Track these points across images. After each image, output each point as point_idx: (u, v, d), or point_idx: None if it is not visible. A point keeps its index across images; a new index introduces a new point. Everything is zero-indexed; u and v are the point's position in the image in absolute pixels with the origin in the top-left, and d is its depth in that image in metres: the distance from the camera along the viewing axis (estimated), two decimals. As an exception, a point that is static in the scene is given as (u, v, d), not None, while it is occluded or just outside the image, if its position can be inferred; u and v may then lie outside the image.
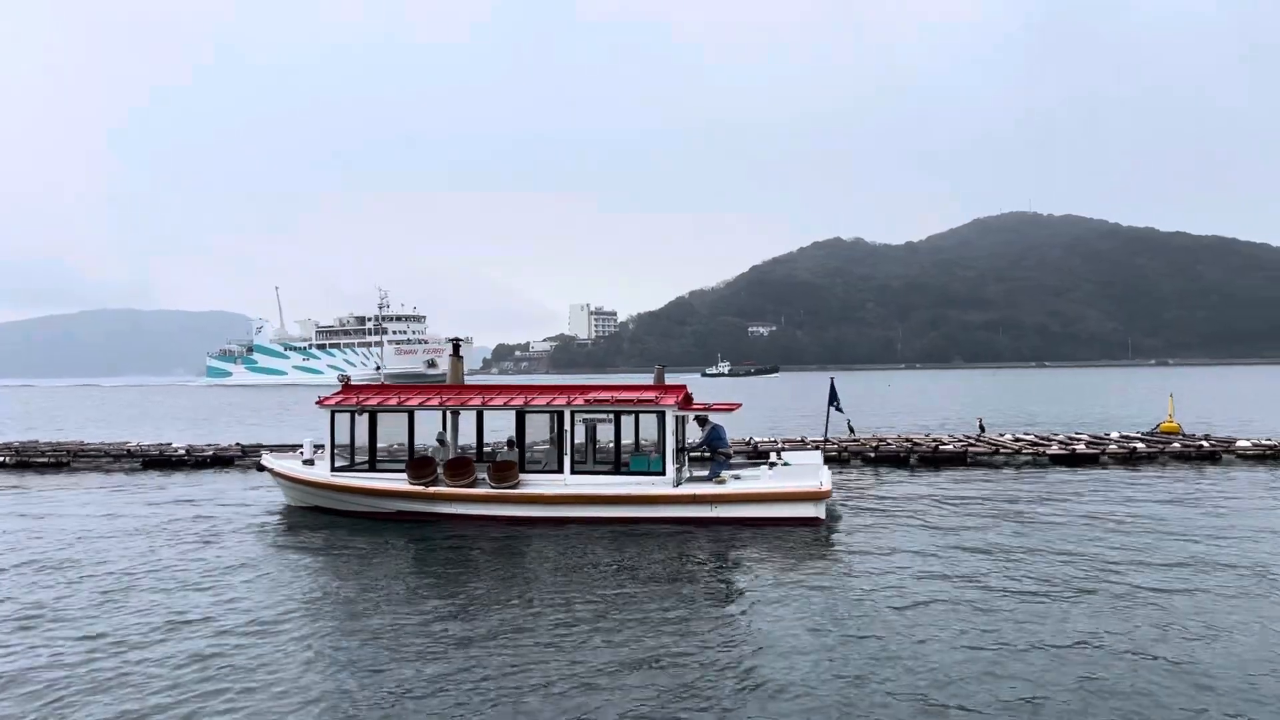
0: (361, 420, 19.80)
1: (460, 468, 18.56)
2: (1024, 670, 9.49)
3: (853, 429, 31.33)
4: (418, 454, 19.66)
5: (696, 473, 19.54)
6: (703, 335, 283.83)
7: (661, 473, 18.14)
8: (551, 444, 19.31)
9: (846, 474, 25.36)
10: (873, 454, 28.42)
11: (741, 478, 18.68)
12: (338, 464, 19.68)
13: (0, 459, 30.59)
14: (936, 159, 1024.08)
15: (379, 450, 20.23)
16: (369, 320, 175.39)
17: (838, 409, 25.28)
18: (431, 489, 18.44)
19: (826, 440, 27.53)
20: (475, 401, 19.59)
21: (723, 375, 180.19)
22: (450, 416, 20.04)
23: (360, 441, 19.89)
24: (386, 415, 19.75)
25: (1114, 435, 31.91)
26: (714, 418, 19.49)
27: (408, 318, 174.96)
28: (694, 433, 19.85)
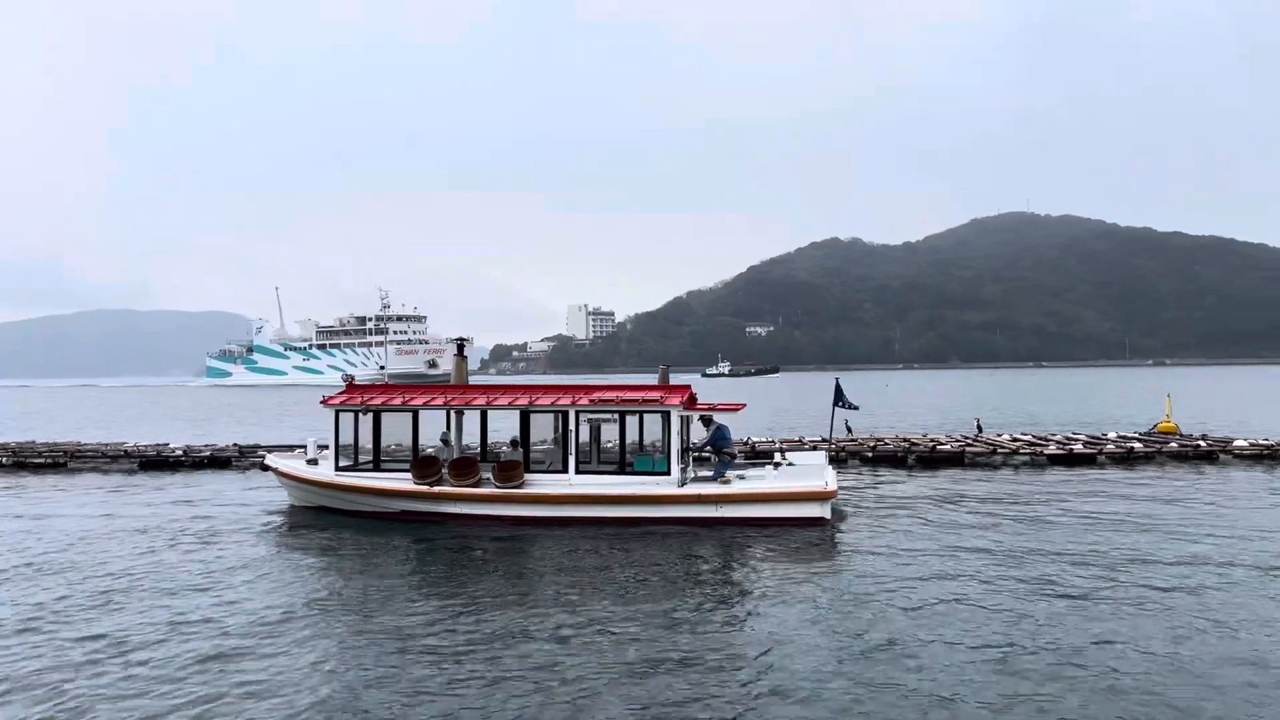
0: (366, 420, 19.78)
1: (465, 467, 18.53)
2: (1030, 670, 9.51)
3: (850, 429, 31.47)
4: (422, 454, 19.71)
5: (701, 473, 19.60)
6: (700, 335, 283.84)
7: (666, 473, 18.13)
8: (555, 444, 19.31)
9: (845, 474, 25.38)
10: (870, 454, 28.49)
11: (746, 478, 18.74)
12: (342, 464, 19.73)
13: (-2, 459, 30.47)
14: (936, 159, 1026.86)
15: (382, 450, 20.29)
16: (369, 320, 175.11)
17: (846, 408, 25.22)
18: (436, 489, 18.43)
19: (824, 440, 27.59)
20: (479, 401, 19.60)
21: (723, 375, 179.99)
22: (455, 416, 20.05)
23: (364, 441, 19.87)
24: (390, 415, 19.78)
25: (1111, 435, 31.98)
26: (718, 418, 19.51)
27: (408, 318, 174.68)
28: (697, 433, 19.86)
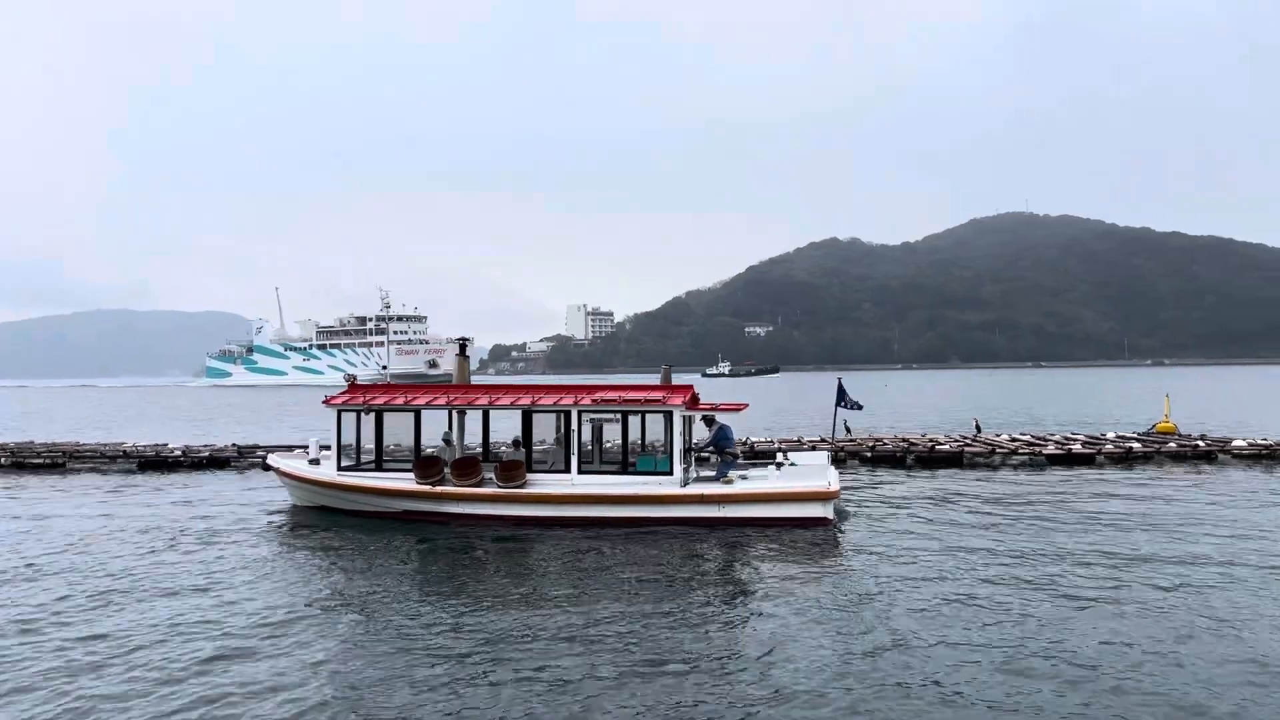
0: (368, 420, 19.75)
1: (467, 467, 18.52)
2: (1033, 670, 9.53)
3: (849, 429, 31.56)
4: (424, 454, 19.72)
5: (703, 473, 19.61)
6: (699, 335, 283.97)
7: (669, 473, 18.13)
8: (557, 444, 19.31)
9: (843, 474, 25.26)
10: (869, 454, 28.46)
11: (749, 478, 18.75)
12: (344, 463, 19.73)
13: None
14: (935, 159, 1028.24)
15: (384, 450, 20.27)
16: (369, 321, 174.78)
17: (849, 408, 25.25)
18: (439, 488, 18.44)
19: (822, 440, 27.67)
20: (482, 401, 19.61)
21: (723, 375, 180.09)
22: (457, 416, 20.09)
23: (367, 441, 19.86)
24: (392, 415, 19.80)
25: (1110, 435, 31.98)
26: (721, 418, 19.51)
27: (408, 318, 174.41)
28: (699, 432, 19.87)
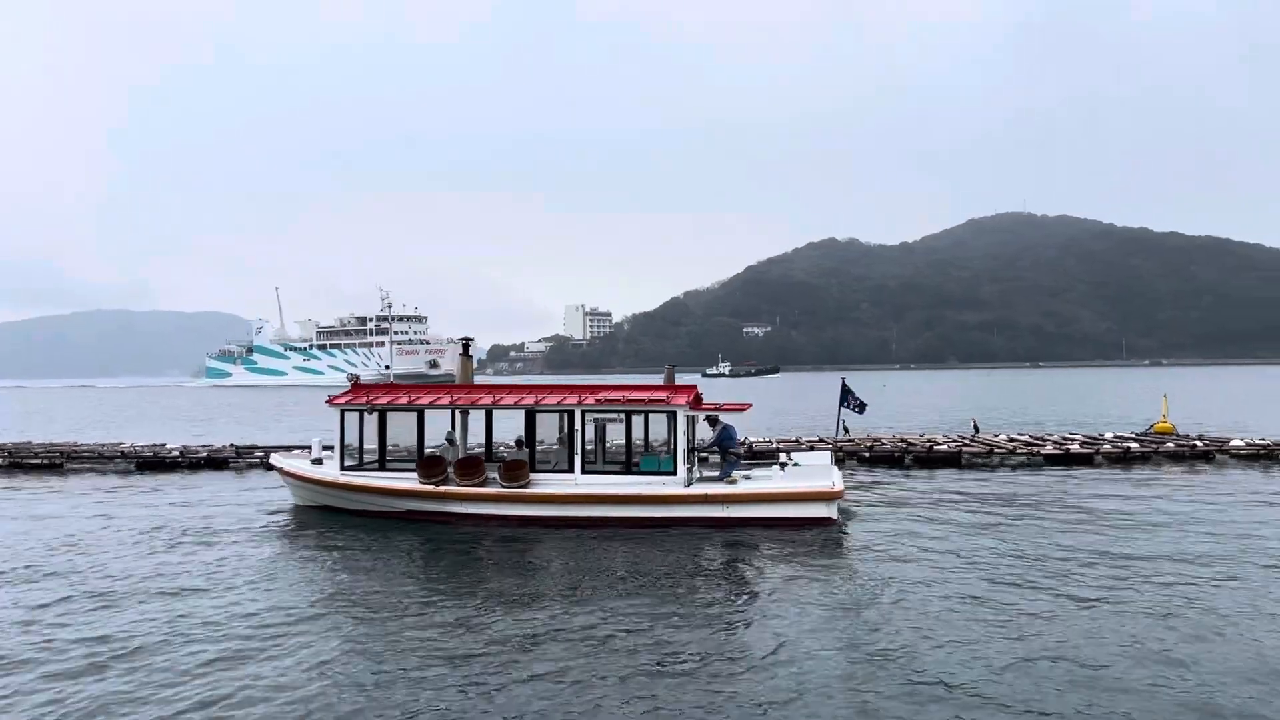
0: (371, 419, 19.78)
1: (471, 467, 18.55)
2: (1037, 670, 9.56)
3: (847, 429, 31.62)
4: (427, 454, 19.75)
5: (707, 473, 19.66)
6: (698, 336, 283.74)
7: (673, 472, 18.15)
8: (560, 444, 19.33)
9: (842, 474, 25.46)
10: (868, 454, 28.51)
11: (753, 478, 18.78)
12: (347, 463, 19.76)
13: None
14: (935, 159, 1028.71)
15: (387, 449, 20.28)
16: (370, 321, 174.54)
17: (853, 408, 25.23)
18: (442, 488, 18.47)
19: (821, 440, 27.71)
20: (485, 401, 19.62)
21: (723, 375, 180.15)
22: (460, 416, 20.12)
23: (370, 441, 19.89)
24: (395, 415, 19.81)
25: (1108, 435, 32.02)
26: (724, 418, 19.51)
27: (409, 318, 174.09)
28: (702, 432, 19.94)
